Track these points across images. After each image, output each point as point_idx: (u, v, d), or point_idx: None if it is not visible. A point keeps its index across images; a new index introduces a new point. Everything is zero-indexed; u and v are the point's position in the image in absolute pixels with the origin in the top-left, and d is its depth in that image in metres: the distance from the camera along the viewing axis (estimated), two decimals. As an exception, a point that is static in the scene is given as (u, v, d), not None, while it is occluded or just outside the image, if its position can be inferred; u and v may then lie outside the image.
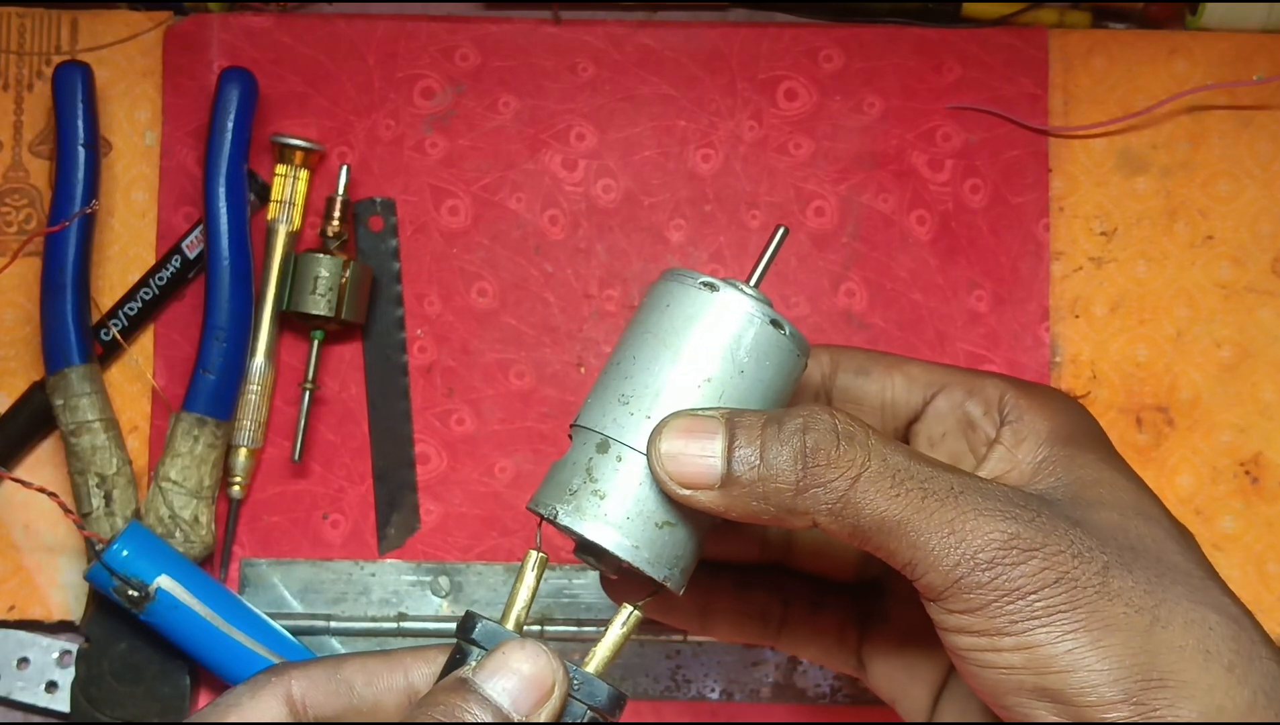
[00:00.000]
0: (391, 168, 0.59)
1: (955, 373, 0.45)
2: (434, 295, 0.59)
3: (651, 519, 0.40)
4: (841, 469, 0.38)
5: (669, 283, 0.41)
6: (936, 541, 0.38)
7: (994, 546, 0.38)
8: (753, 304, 0.41)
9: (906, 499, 0.38)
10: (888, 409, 0.45)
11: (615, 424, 0.40)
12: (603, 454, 0.40)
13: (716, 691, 0.58)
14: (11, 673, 0.58)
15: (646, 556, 0.40)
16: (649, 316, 0.41)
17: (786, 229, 0.43)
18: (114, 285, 0.59)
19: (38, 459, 0.58)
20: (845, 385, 0.46)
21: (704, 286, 0.41)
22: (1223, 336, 0.59)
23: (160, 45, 0.60)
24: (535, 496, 0.41)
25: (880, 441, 0.39)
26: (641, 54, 0.60)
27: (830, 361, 0.46)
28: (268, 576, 0.58)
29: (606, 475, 0.40)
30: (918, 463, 0.39)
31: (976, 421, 0.43)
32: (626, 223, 0.60)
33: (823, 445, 0.38)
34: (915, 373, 0.45)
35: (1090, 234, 0.59)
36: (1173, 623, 0.38)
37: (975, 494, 0.38)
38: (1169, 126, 0.60)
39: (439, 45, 0.60)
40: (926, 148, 0.59)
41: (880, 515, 0.38)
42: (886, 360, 0.46)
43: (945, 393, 0.44)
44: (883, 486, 0.38)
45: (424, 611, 0.58)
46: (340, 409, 0.59)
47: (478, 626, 0.40)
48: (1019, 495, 0.39)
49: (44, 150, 0.60)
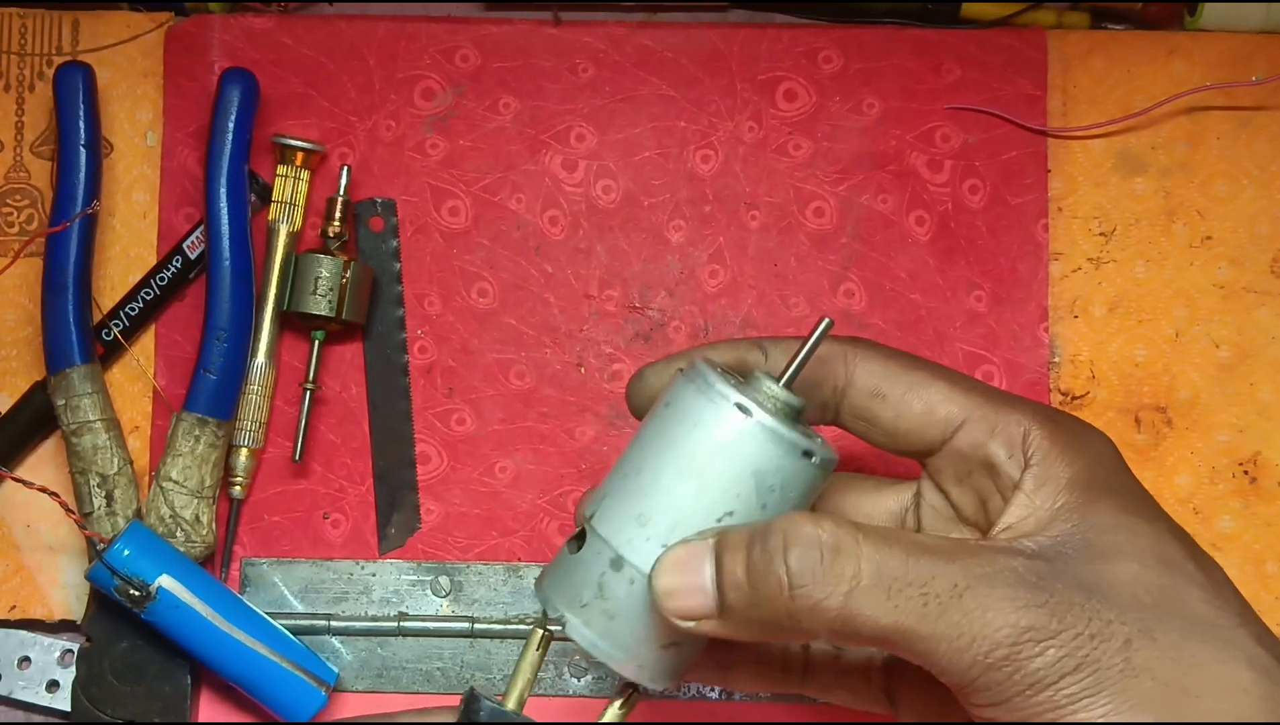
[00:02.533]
0: (392, 168, 0.60)
1: (979, 403, 0.42)
2: (434, 295, 0.59)
3: (658, 642, 0.40)
4: (831, 586, 0.37)
5: (699, 397, 0.39)
6: (945, 647, 0.36)
7: (1007, 644, 0.36)
8: (787, 436, 0.39)
9: (906, 609, 0.37)
10: (902, 437, 0.43)
11: (630, 545, 0.39)
12: (616, 572, 0.40)
13: (716, 691, 0.58)
14: (13, 672, 0.58)
15: (649, 674, 0.40)
16: (675, 428, 0.40)
17: (831, 321, 0.41)
18: (115, 285, 0.59)
19: (39, 459, 0.58)
20: (857, 403, 0.43)
21: (738, 409, 0.39)
22: (1221, 337, 0.59)
23: (161, 46, 0.60)
24: (545, 589, 0.41)
25: (873, 545, 0.37)
26: (641, 55, 0.60)
27: (845, 373, 0.43)
28: (268, 576, 0.58)
29: (618, 596, 0.40)
30: (915, 561, 0.37)
31: (1000, 466, 0.41)
32: (626, 223, 0.60)
33: (807, 564, 0.37)
34: (936, 402, 0.42)
35: (1089, 234, 0.60)
36: (1204, 691, 0.36)
37: (981, 586, 0.37)
38: (1167, 127, 0.60)
39: (439, 46, 0.60)
40: (925, 148, 0.60)
41: (881, 628, 0.37)
42: (905, 379, 0.43)
43: (967, 429, 0.42)
44: (878, 599, 0.37)
45: (424, 611, 0.58)
46: (341, 409, 0.59)
47: (483, 709, 0.41)
48: (1029, 570, 0.37)
49: (45, 151, 0.60)
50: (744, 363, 0.45)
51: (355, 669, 0.58)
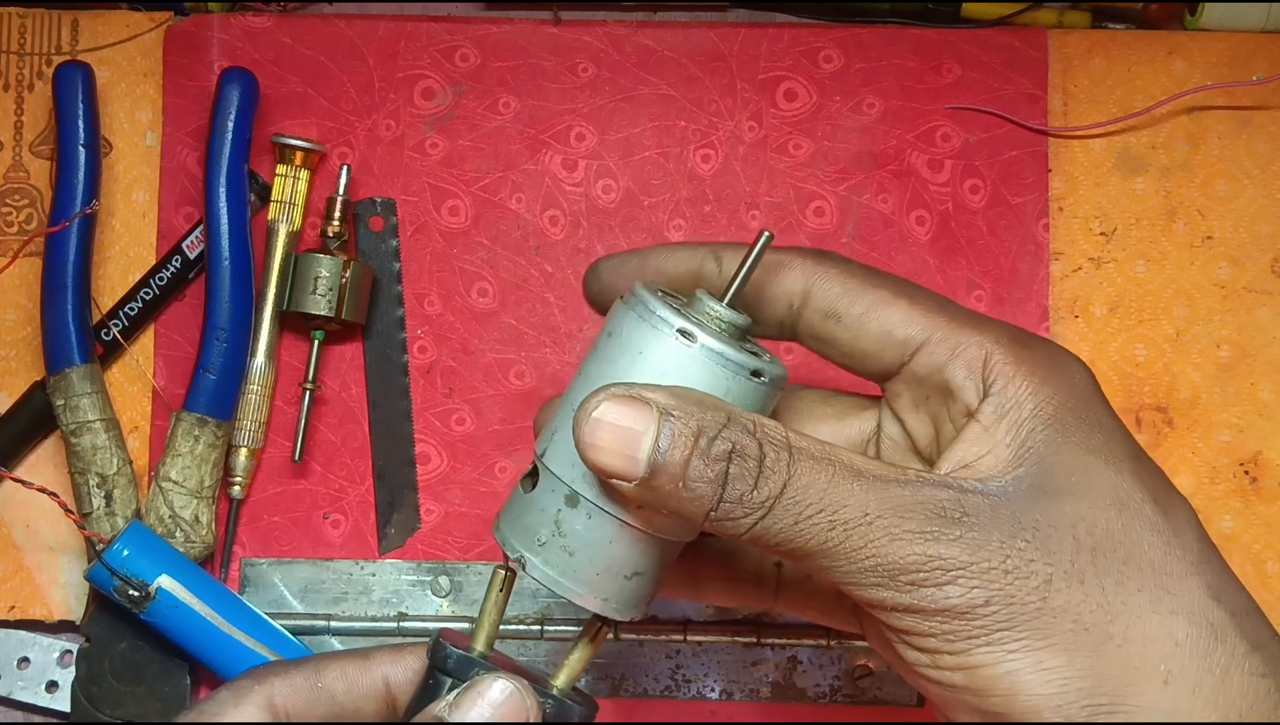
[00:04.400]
0: (392, 168, 0.60)
1: (941, 324, 0.40)
2: (434, 295, 0.59)
3: (620, 573, 0.40)
4: (750, 508, 0.36)
5: (641, 324, 0.39)
6: (849, 566, 0.36)
7: (911, 570, 0.36)
8: (733, 357, 0.38)
9: (810, 533, 0.36)
10: (858, 359, 0.41)
11: (583, 480, 0.39)
12: (572, 508, 0.39)
13: (716, 691, 0.58)
14: (12, 672, 0.58)
15: (615, 606, 0.40)
16: (620, 358, 0.39)
17: (770, 234, 0.40)
18: (114, 285, 0.59)
19: (38, 459, 0.58)
20: (813, 323, 0.41)
21: (680, 336, 0.38)
22: (1221, 336, 0.59)
23: (161, 46, 0.60)
24: (502, 530, 0.41)
25: (804, 466, 0.36)
26: (641, 54, 0.60)
27: (802, 290, 0.41)
28: (268, 576, 0.58)
29: (576, 532, 0.39)
30: (835, 487, 0.36)
31: (957, 390, 0.39)
32: (626, 223, 0.60)
33: (741, 478, 0.36)
34: (895, 322, 0.40)
35: (1089, 234, 0.60)
36: (1129, 639, 0.35)
37: (892, 517, 0.36)
38: (1168, 127, 0.60)
39: (439, 46, 0.60)
40: (926, 148, 0.60)
41: (786, 547, 0.37)
42: (865, 300, 0.40)
43: (926, 350, 0.40)
44: (785, 523, 0.36)
45: (424, 611, 0.58)
46: (341, 409, 0.59)
47: (450, 656, 0.41)
48: (955, 505, 0.36)
49: (45, 150, 0.60)
50: (697, 273, 0.43)
51: (355, 669, 0.58)
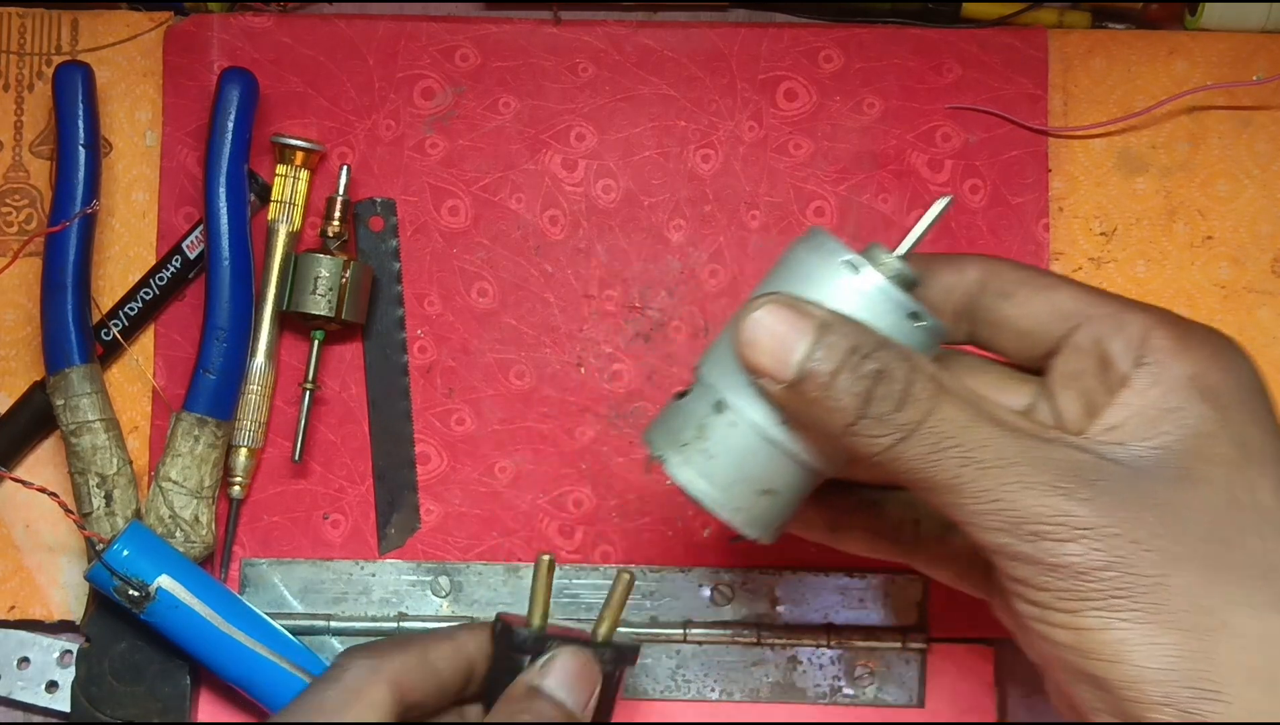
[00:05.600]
0: (392, 168, 0.59)
1: (1105, 302, 0.41)
2: (434, 295, 0.59)
3: (754, 486, 0.41)
4: (890, 429, 0.37)
5: (811, 255, 0.40)
6: (975, 505, 0.37)
7: (1036, 520, 0.36)
8: (895, 295, 0.40)
9: (943, 467, 0.37)
10: (1025, 338, 0.42)
11: (733, 389, 0.40)
12: (717, 414, 0.41)
13: (716, 691, 0.58)
14: (12, 672, 0.58)
15: (744, 518, 0.41)
16: (785, 284, 0.40)
17: (951, 197, 0.42)
18: (114, 285, 0.59)
19: (38, 459, 0.58)
20: (988, 306, 0.43)
21: (845, 266, 0.40)
22: (1222, 337, 0.59)
23: (160, 45, 0.60)
24: (650, 431, 0.43)
25: (947, 400, 0.37)
26: (641, 54, 0.60)
27: (979, 280, 0.43)
28: (268, 576, 0.58)
29: (718, 437, 0.41)
30: (975, 427, 0.37)
31: (1114, 360, 0.40)
32: (626, 223, 0.60)
33: (886, 398, 0.37)
34: (1061, 300, 0.41)
35: (1090, 234, 0.60)
36: (1244, 635, 0.35)
37: (1027, 466, 0.37)
38: (1168, 127, 0.60)
39: (439, 45, 0.60)
40: (926, 148, 0.59)
41: (915, 475, 0.38)
42: (1035, 282, 0.42)
43: (1088, 325, 0.41)
44: (921, 450, 0.37)
45: (424, 611, 0.58)
46: (340, 409, 0.59)
47: (525, 637, 0.46)
48: (1092, 468, 0.37)
49: (44, 150, 0.60)
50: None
51: (355, 669, 0.58)
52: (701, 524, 0.59)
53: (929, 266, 0.44)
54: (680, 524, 0.59)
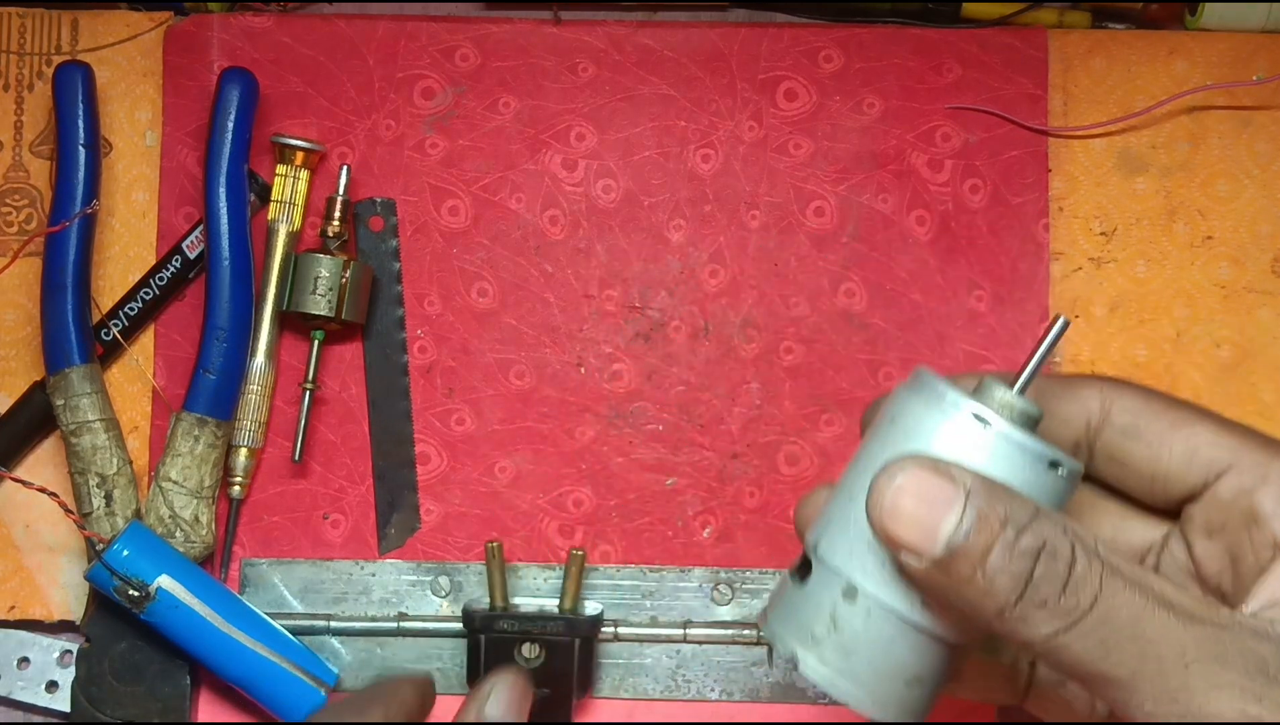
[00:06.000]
0: (392, 168, 0.59)
1: (1249, 446, 0.37)
2: (434, 295, 0.59)
3: (901, 677, 0.37)
4: (1054, 617, 0.34)
5: (929, 409, 0.36)
6: (1153, 706, 0.33)
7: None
8: (1032, 446, 0.36)
9: (1119, 661, 0.33)
10: (1159, 482, 0.39)
11: (863, 571, 0.36)
12: (850, 603, 0.37)
13: (716, 691, 0.58)
14: (12, 672, 0.58)
15: (894, 711, 0.38)
16: (905, 444, 0.36)
17: (1067, 320, 0.37)
18: (114, 285, 0.59)
19: (38, 459, 0.58)
20: (1111, 442, 0.39)
21: (975, 420, 0.36)
22: (1222, 337, 0.59)
23: (160, 45, 0.60)
24: (772, 622, 0.39)
25: (1116, 583, 0.34)
26: (641, 54, 0.60)
27: (1100, 409, 0.39)
28: (268, 576, 0.58)
29: (854, 628, 0.37)
30: (1150, 614, 0.33)
31: (1264, 518, 0.36)
32: (626, 223, 0.60)
33: (1049, 580, 0.34)
34: (1199, 442, 0.38)
35: (1090, 234, 0.60)
36: None
37: (1212, 664, 0.33)
38: (1168, 127, 0.60)
39: (439, 45, 0.60)
40: (926, 148, 0.59)
41: (1085, 670, 0.34)
42: (1166, 418, 0.38)
43: (1232, 474, 0.37)
44: (1091, 643, 0.34)
45: (424, 611, 0.58)
46: (340, 409, 0.59)
47: (476, 618, 0.50)
48: (1275, 660, 0.33)
49: (44, 150, 0.60)
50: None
51: (355, 669, 0.58)
52: (701, 524, 0.59)
53: (1041, 394, 0.40)
54: (680, 524, 0.59)
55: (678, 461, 0.59)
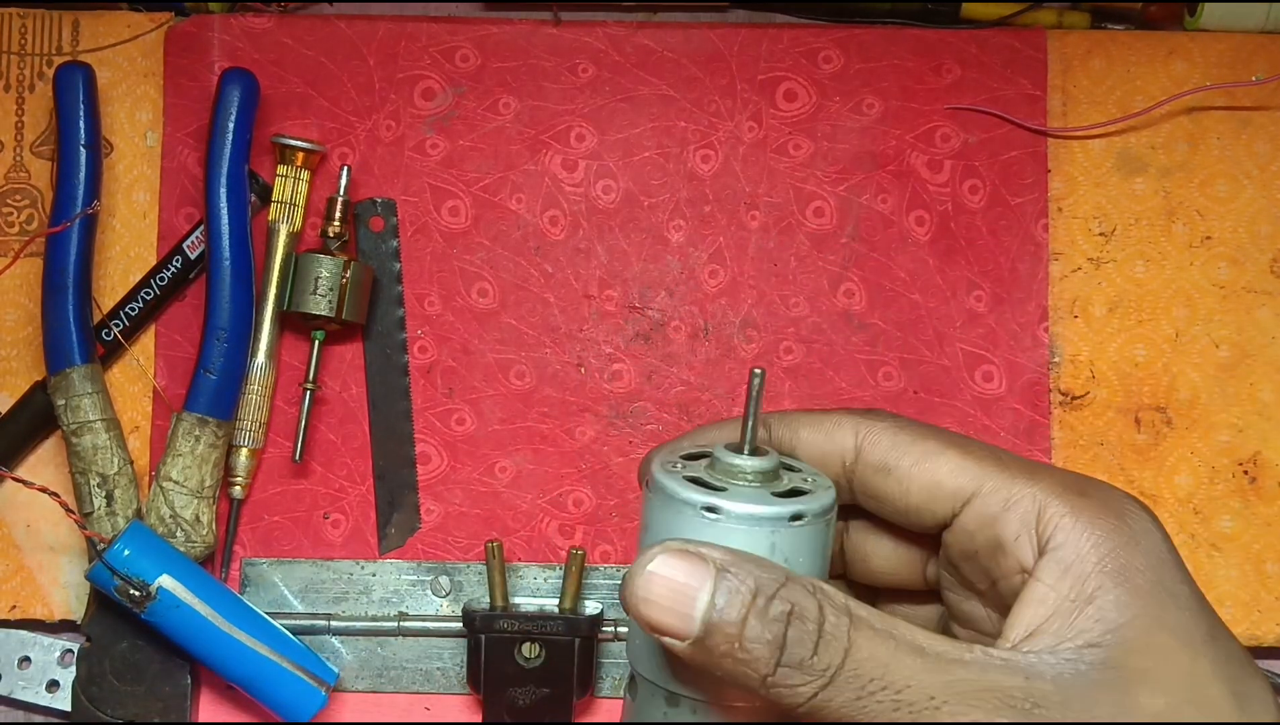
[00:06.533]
0: (392, 168, 0.60)
1: (992, 473, 0.38)
2: (434, 295, 0.59)
3: None
4: (810, 677, 0.34)
5: (670, 514, 0.37)
6: None
7: None
8: (768, 513, 0.37)
9: (875, 710, 0.34)
10: (912, 514, 0.40)
11: (673, 678, 0.38)
12: (675, 708, 0.38)
13: (716, 691, 0.58)
14: (13, 672, 0.58)
15: None
16: (666, 535, 0.37)
17: (761, 371, 0.39)
18: (115, 285, 0.59)
19: (39, 459, 0.59)
20: (865, 478, 0.40)
21: (706, 513, 0.37)
22: (1221, 336, 0.59)
23: (161, 46, 0.60)
24: None
25: (863, 635, 0.35)
26: (641, 55, 0.60)
27: (854, 445, 0.40)
28: (269, 576, 0.58)
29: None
30: (898, 664, 0.34)
31: (1009, 545, 0.37)
32: (626, 223, 0.60)
33: (801, 644, 0.34)
34: (944, 473, 0.39)
35: (1089, 234, 0.60)
36: None
37: (959, 704, 0.34)
38: (1167, 127, 0.60)
39: (439, 46, 0.60)
40: (925, 148, 0.60)
41: (847, 721, 0.35)
42: (914, 451, 0.39)
43: (976, 502, 0.38)
44: (848, 697, 0.34)
45: (425, 611, 0.58)
46: (341, 409, 0.59)
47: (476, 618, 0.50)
48: (1026, 695, 0.34)
49: (45, 151, 0.60)
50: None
51: (355, 669, 0.58)
52: (701, 524, 0.59)
53: (795, 432, 0.41)
54: (680, 524, 0.59)
55: (677, 461, 0.59)
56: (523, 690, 0.56)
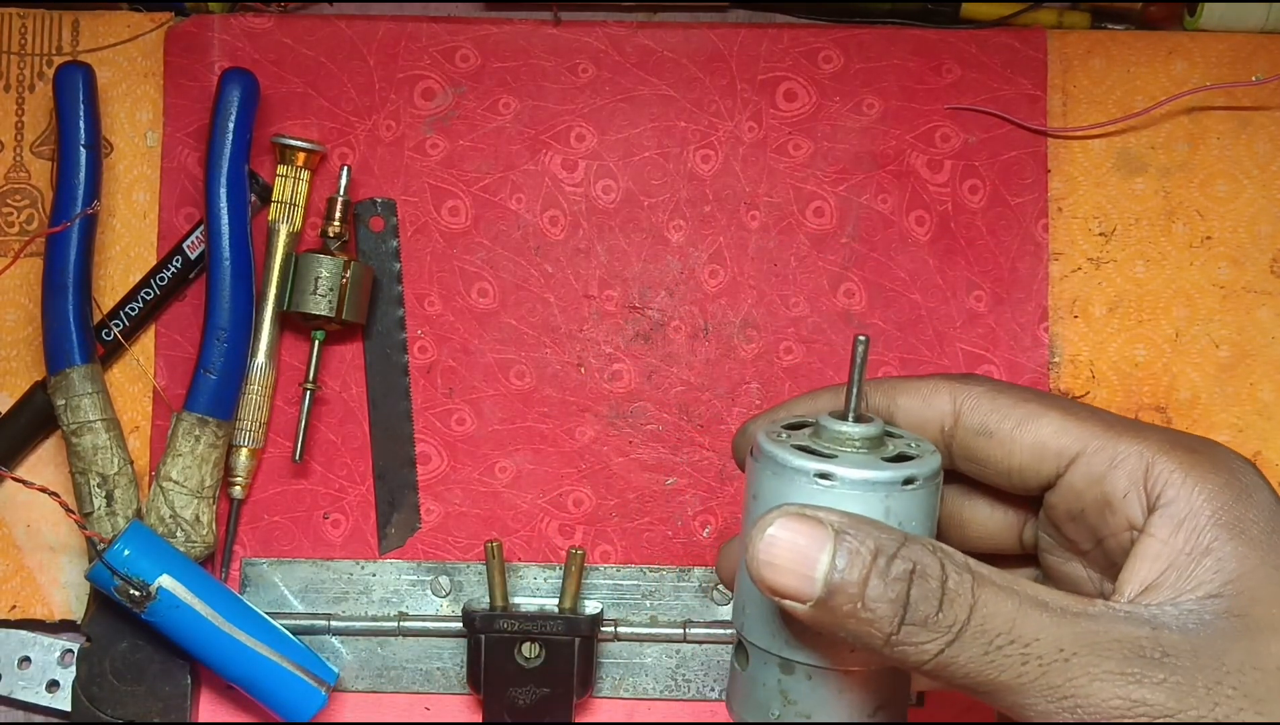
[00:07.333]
0: (392, 168, 0.60)
1: (1097, 432, 0.38)
2: (434, 295, 0.59)
3: (862, 716, 0.39)
4: (936, 634, 0.35)
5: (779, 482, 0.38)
6: (1042, 706, 0.34)
7: (1116, 714, 0.34)
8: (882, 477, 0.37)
9: (1003, 665, 0.34)
10: (1015, 475, 0.40)
11: (787, 643, 0.38)
12: (790, 675, 0.39)
13: (716, 691, 0.58)
14: (13, 672, 0.58)
15: None
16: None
17: (866, 338, 0.39)
18: (115, 285, 0.59)
19: (39, 459, 0.59)
20: (966, 442, 0.40)
21: (819, 479, 0.37)
22: (1221, 336, 0.59)
23: (161, 46, 0.60)
24: (735, 711, 0.40)
25: (988, 592, 0.35)
26: (641, 55, 0.60)
27: (952, 410, 0.41)
28: (269, 576, 0.58)
29: (804, 694, 0.38)
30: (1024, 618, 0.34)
31: (1117, 502, 0.37)
32: (626, 223, 0.60)
33: (926, 601, 0.34)
34: (1047, 434, 0.39)
35: (1089, 234, 0.60)
36: None
37: (1090, 655, 0.34)
38: (1167, 127, 0.60)
39: (439, 46, 0.60)
40: (925, 148, 0.60)
41: (974, 680, 0.35)
42: (1015, 413, 0.39)
43: (1082, 461, 0.38)
44: (975, 652, 0.34)
45: (424, 611, 0.58)
46: (341, 409, 0.59)
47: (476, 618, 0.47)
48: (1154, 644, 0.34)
49: (45, 151, 0.60)
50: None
51: (355, 669, 0.58)
52: (701, 524, 0.59)
53: (893, 399, 0.41)
54: (680, 524, 0.59)
55: (677, 461, 0.59)
56: (523, 690, 0.56)
